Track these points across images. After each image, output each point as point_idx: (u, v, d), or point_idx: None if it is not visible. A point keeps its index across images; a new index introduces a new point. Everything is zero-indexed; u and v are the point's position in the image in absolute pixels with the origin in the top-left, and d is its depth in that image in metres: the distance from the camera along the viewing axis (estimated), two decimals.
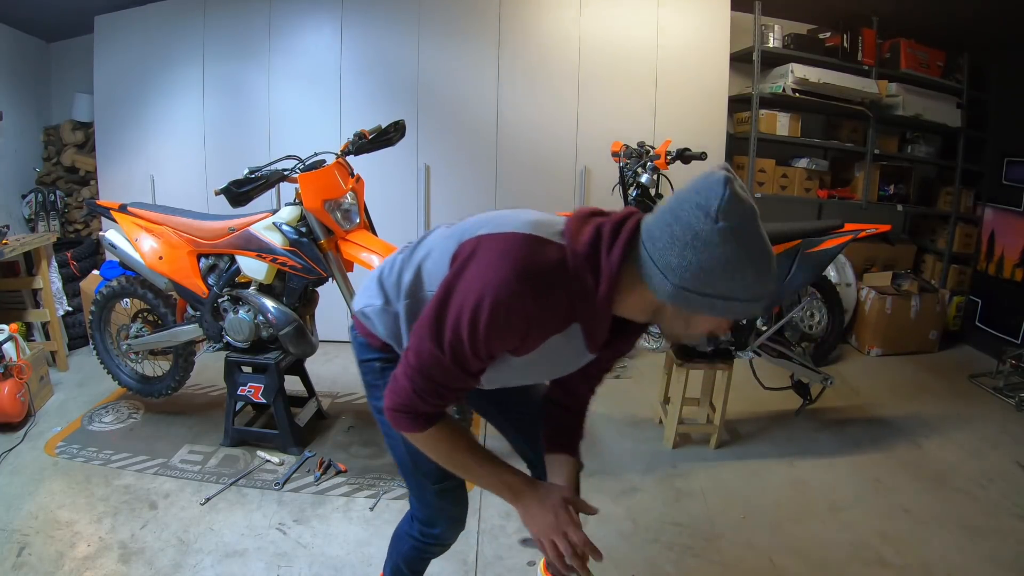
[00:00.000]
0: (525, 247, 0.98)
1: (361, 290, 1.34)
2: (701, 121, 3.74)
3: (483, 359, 1.03)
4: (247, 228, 2.45)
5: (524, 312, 0.97)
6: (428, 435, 1.11)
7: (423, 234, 1.27)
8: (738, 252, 0.88)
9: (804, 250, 2.56)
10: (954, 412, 3.13)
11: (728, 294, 0.90)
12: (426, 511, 1.41)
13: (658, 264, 0.91)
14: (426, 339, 1.02)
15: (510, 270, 0.96)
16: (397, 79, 3.65)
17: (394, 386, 1.08)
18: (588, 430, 1.47)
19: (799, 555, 2.02)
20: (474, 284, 0.97)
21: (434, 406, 1.08)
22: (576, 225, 1.01)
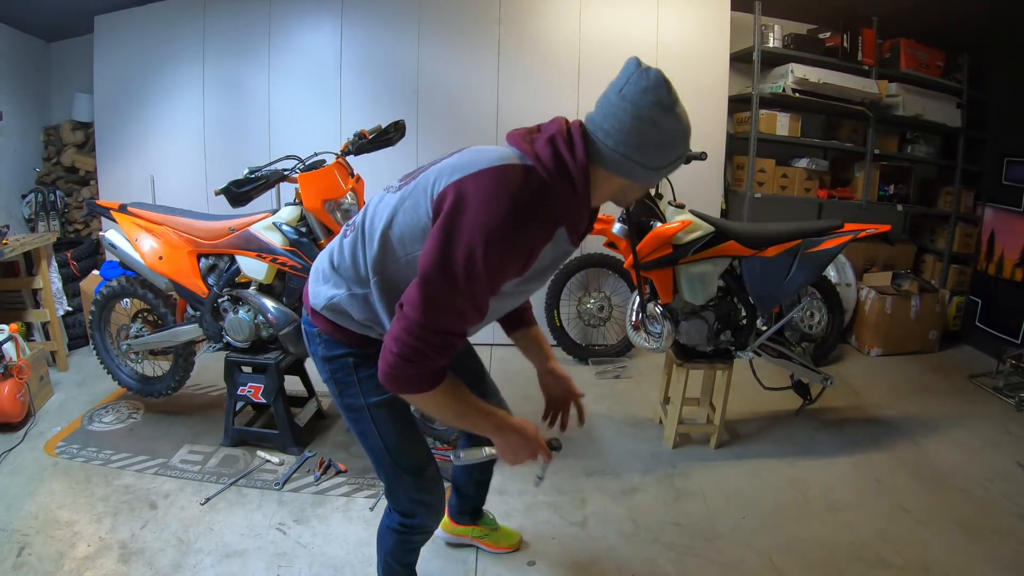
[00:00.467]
0: (508, 178, 1.09)
1: (312, 290, 1.34)
2: (701, 121, 3.73)
3: (495, 290, 1.10)
4: (247, 228, 2.45)
5: (527, 234, 1.08)
6: (439, 391, 1.13)
7: (357, 215, 1.30)
8: (684, 124, 1.12)
9: (804, 250, 2.56)
10: (954, 412, 3.13)
11: (680, 153, 1.14)
12: (406, 504, 1.44)
13: (630, 158, 1.10)
14: (437, 288, 1.06)
15: (507, 200, 1.06)
16: (397, 79, 3.65)
17: (400, 351, 1.08)
18: (588, 429, 1.51)
19: (799, 555, 2.02)
20: (478, 221, 1.04)
21: (446, 358, 1.11)
22: (528, 146, 1.14)
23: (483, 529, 1.99)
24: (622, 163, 1.11)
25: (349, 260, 1.26)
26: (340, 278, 1.27)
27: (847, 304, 3.85)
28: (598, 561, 1.98)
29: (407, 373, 1.09)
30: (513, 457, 1.30)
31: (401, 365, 1.08)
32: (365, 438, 1.40)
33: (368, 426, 1.37)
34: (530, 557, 1.99)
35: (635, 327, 2.62)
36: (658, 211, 2.61)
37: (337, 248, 1.31)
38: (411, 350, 1.07)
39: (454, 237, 1.05)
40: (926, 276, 4.35)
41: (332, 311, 1.29)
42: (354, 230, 1.27)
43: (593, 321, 3.74)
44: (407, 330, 1.07)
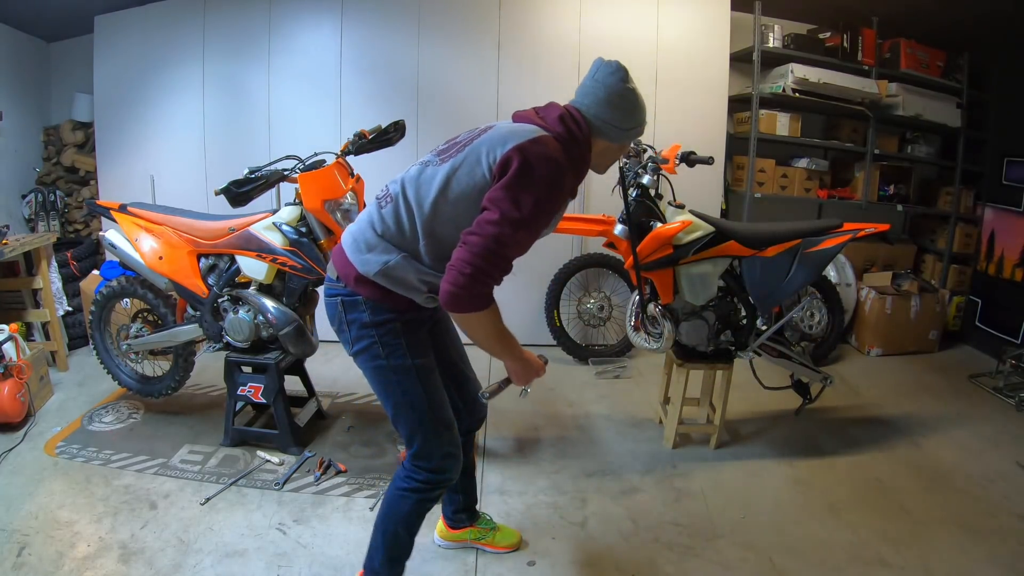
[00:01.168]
0: (554, 144, 1.41)
1: (357, 259, 1.47)
2: (701, 121, 3.74)
3: (544, 226, 1.41)
4: (247, 228, 2.45)
5: (565, 185, 1.42)
6: (491, 311, 1.39)
7: (394, 183, 1.50)
8: (640, 96, 1.51)
9: (804, 250, 2.56)
10: (954, 412, 3.13)
11: (641, 120, 1.53)
12: (439, 459, 1.58)
13: (609, 122, 1.49)
14: (510, 224, 1.32)
15: (558, 159, 1.38)
16: (397, 79, 3.65)
17: (471, 271, 1.30)
18: (588, 429, 1.60)
19: (799, 555, 2.02)
20: (543, 173, 1.35)
21: (499, 280, 1.37)
22: (545, 124, 1.46)
23: (480, 530, 2.00)
24: (603, 127, 1.49)
25: (395, 226, 1.46)
26: (389, 244, 1.45)
27: (847, 304, 3.85)
28: (598, 561, 1.98)
29: (473, 292, 1.32)
30: (525, 377, 1.59)
31: (470, 284, 1.30)
32: (410, 399, 1.53)
33: (415, 385, 1.52)
34: (530, 557, 1.99)
35: (635, 327, 2.62)
36: (658, 211, 2.61)
37: (377, 219, 1.49)
38: (479, 271, 1.30)
39: (526, 186, 1.33)
40: (926, 276, 4.35)
41: (386, 276, 1.45)
42: (391, 200, 1.47)
43: (593, 321, 3.74)
44: (479, 255, 1.31)
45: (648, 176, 2.56)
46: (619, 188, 2.68)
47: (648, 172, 2.59)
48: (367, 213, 1.53)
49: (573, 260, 3.55)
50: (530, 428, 2.84)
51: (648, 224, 2.55)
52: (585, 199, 3.72)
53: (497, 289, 1.39)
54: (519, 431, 2.80)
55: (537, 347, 3.76)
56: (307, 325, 2.60)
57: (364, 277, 1.46)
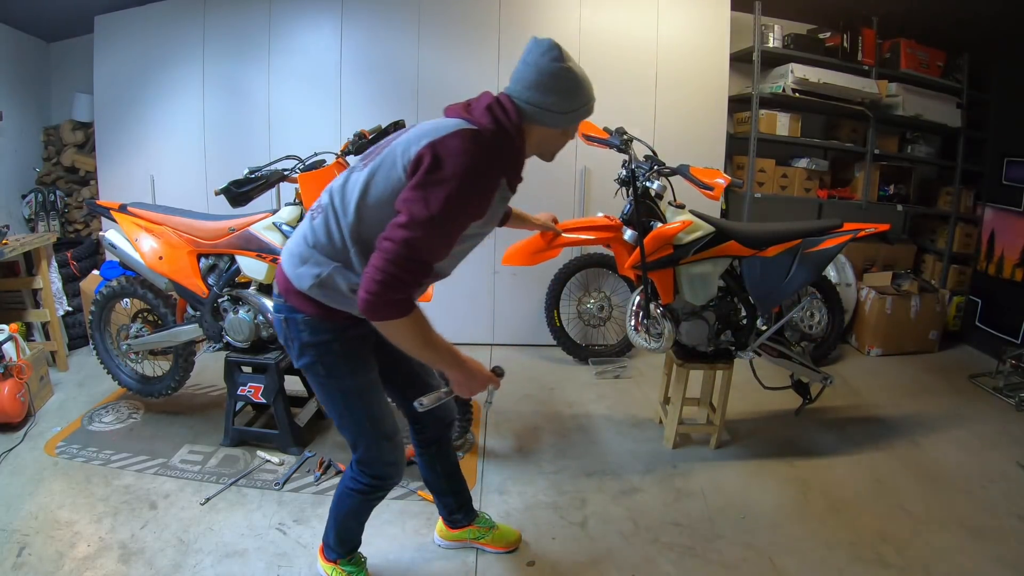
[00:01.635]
0: (470, 138, 1.32)
1: (292, 274, 1.44)
2: (701, 121, 3.74)
3: (463, 227, 1.34)
4: (247, 228, 2.45)
5: (486, 182, 1.34)
6: (411, 318, 1.31)
7: (324, 195, 1.46)
8: (580, 74, 1.42)
9: (804, 250, 2.56)
10: (954, 412, 3.13)
11: (584, 100, 1.44)
12: (381, 467, 1.61)
13: (544, 107, 1.39)
14: (420, 226, 1.26)
15: (472, 154, 1.29)
16: (397, 79, 3.65)
17: (383, 279, 1.25)
18: (588, 429, 1.56)
19: (799, 555, 2.02)
20: (454, 171, 1.27)
21: (417, 287, 1.31)
22: (471, 116, 1.38)
23: (479, 529, 2.00)
24: (536, 112, 1.39)
25: (325, 238, 1.41)
26: (320, 255, 1.41)
27: (847, 304, 3.85)
28: (598, 561, 1.98)
29: (387, 299, 1.26)
30: (468, 389, 1.48)
31: (382, 291, 1.25)
32: (352, 414, 1.54)
33: (355, 402, 1.53)
34: (530, 557, 1.99)
35: (635, 328, 2.62)
36: (658, 211, 2.61)
37: (308, 230, 1.45)
38: (392, 277, 1.25)
39: (435, 184, 1.26)
40: (926, 276, 4.36)
41: (320, 288, 1.41)
42: (322, 211, 1.43)
43: (593, 321, 3.74)
44: (391, 260, 1.25)
45: (658, 183, 2.56)
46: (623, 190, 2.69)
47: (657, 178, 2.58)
48: (301, 226, 1.49)
49: (573, 260, 3.55)
50: (530, 428, 2.84)
51: (648, 224, 2.55)
52: (585, 197, 3.73)
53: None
54: (519, 431, 2.80)
55: (537, 347, 3.80)
56: None
57: (300, 292, 1.43)
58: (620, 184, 2.67)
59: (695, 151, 3.65)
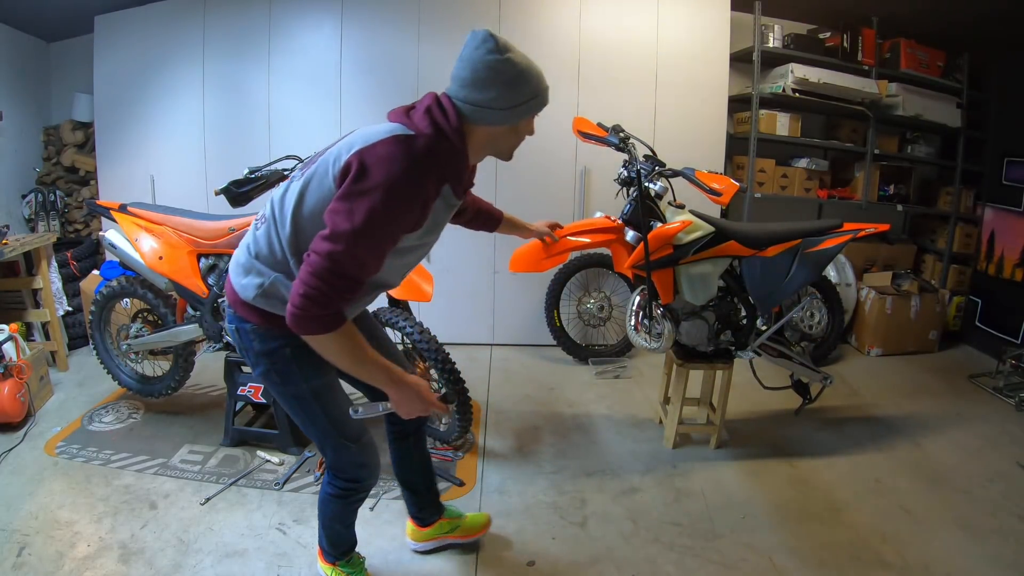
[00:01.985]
0: (400, 145, 1.27)
1: (237, 284, 1.42)
2: (701, 121, 3.74)
3: (394, 239, 1.29)
4: (247, 228, 2.45)
5: (418, 190, 1.27)
6: (340, 333, 1.27)
7: (266, 205, 1.42)
8: (524, 64, 1.31)
9: (804, 250, 2.56)
10: (954, 412, 3.13)
11: (532, 92, 1.33)
12: (352, 470, 1.60)
13: (483, 105, 1.30)
14: (344, 239, 1.21)
15: (400, 162, 1.24)
16: (397, 79, 3.65)
17: (306, 292, 1.22)
18: (588, 429, 1.51)
19: (799, 555, 2.03)
20: (378, 180, 1.22)
21: (346, 302, 1.27)
22: (409, 121, 1.32)
23: (450, 522, 1.99)
24: (476, 112, 1.31)
25: (266, 249, 1.39)
26: (262, 266, 1.39)
27: (847, 304, 3.85)
28: (598, 561, 1.98)
29: (312, 313, 1.23)
30: (407, 410, 1.42)
31: (307, 305, 1.22)
32: (312, 419, 1.52)
33: (312, 407, 1.50)
34: (530, 557, 1.99)
35: (635, 328, 2.62)
36: (658, 211, 2.61)
37: (252, 241, 1.43)
38: (317, 291, 1.21)
39: (359, 195, 1.22)
40: (926, 276, 4.36)
41: (264, 298, 1.39)
42: (265, 221, 1.41)
43: (593, 321, 3.74)
44: (315, 275, 1.22)
45: (660, 183, 2.56)
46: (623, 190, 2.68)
47: (659, 178, 2.58)
48: (246, 236, 1.47)
49: (573, 260, 3.55)
50: (530, 428, 2.84)
51: (648, 224, 2.54)
52: (585, 198, 3.73)
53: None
54: (519, 431, 2.80)
55: (537, 347, 3.80)
56: None
57: (246, 302, 1.41)
58: (620, 184, 2.67)
59: (695, 151, 3.65)
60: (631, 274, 2.65)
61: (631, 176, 2.58)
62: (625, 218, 2.62)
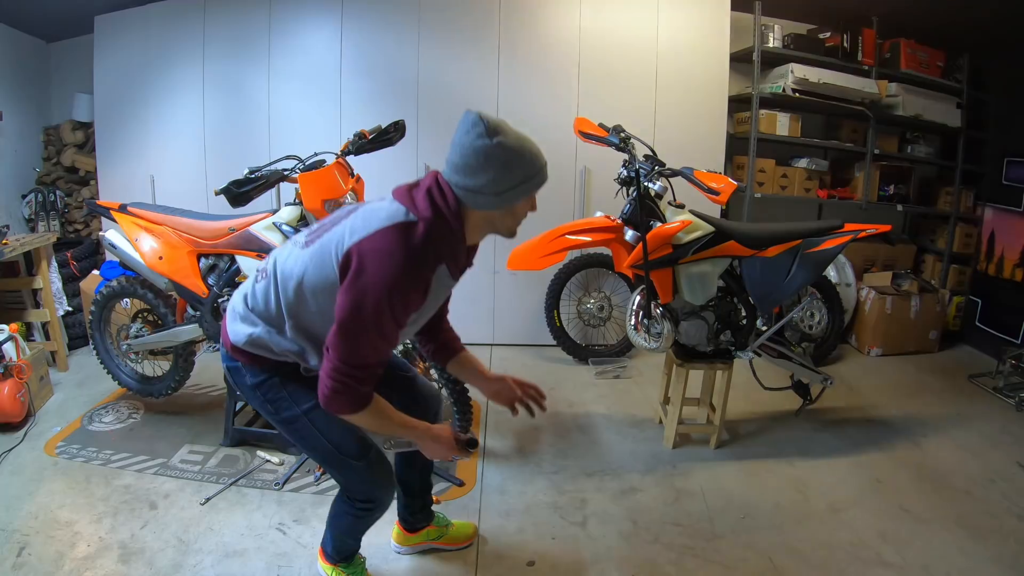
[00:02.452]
0: (398, 234, 1.30)
1: (230, 329, 1.50)
2: (701, 121, 3.74)
3: (403, 325, 1.33)
4: (247, 228, 2.45)
5: (419, 276, 1.32)
6: (368, 411, 1.37)
7: (269, 260, 1.48)
8: (515, 145, 1.28)
9: (804, 250, 2.56)
10: (954, 412, 3.13)
11: (525, 175, 1.30)
12: (362, 488, 1.59)
13: (475, 191, 1.29)
14: (354, 334, 1.29)
15: (399, 253, 1.28)
16: (397, 79, 3.65)
17: (332, 385, 1.32)
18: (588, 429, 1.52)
19: (799, 555, 2.02)
20: (379, 275, 1.26)
21: (369, 385, 1.35)
22: (410, 201, 1.34)
23: (438, 529, 1.99)
24: (470, 197, 1.31)
25: (263, 304, 1.45)
26: (256, 318, 1.46)
27: (847, 304, 3.85)
28: (598, 561, 1.98)
29: (341, 400, 1.34)
30: (435, 453, 1.53)
31: (334, 396, 1.33)
32: (311, 443, 1.54)
33: (309, 431, 1.52)
34: (530, 557, 1.99)
35: (635, 327, 2.62)
36: (658, 211, 2.61)
37: (250, 292, 1.49)
38: (341, 384, 1.31)
39: (363, 290, 1.27)
40: (926, 276, 4.35)
41: (252, 345, 1.46)
42: (265, 277, 1.46)
43: (593, 321, 3.74)
44: (336, 369, 1.31)
45: (659, 183, 2.56)
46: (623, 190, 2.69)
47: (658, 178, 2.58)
48: (245, 284, 1.53)
49: (573, 260, 3.55)
50: (530, 428, 2.83)
51: (648, 224, 2.55)
52: (585, 198, 3.73)
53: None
54: (519, 431, 2.80)
55: (537, 347, 3.80)
56: None
57: (235, 345, 1.48)
58: (620, 184, 2.67)
59: (695, 151, 3.65)
60: (631, 274, 2.65)
61: (631, 176, 2.57)
62: (625, 218, 2.62)
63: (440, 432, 1.52)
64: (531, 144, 1.32)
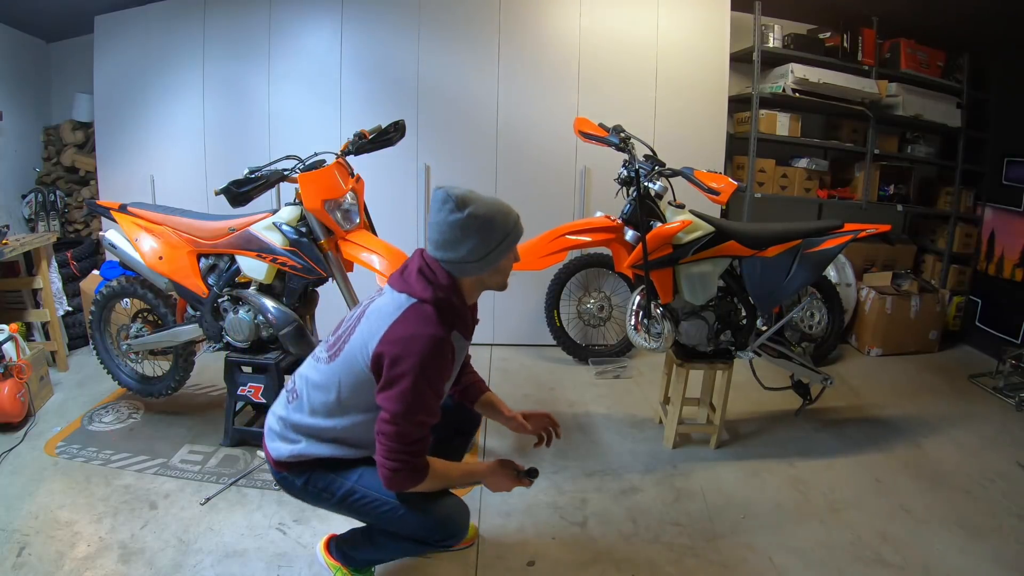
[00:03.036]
0: (416, 315, 1.41)
1: (270, 447, 1.59)
2: (701, 121, 3.74)
3: (442, 395, 1.46)
4: (247, 228, 2.45)
5: (442, 348, 1.41)
6: (429, 478, 1.46)
7: (295, 381, 1.60)
8: (486, 212, 1.41)
9: (804, 250, 2.56)
10: (954, 412, 3.13)
11: (501, 236, 1.43)
12: (440, 528, 1.56)
13: (460, 261, 1.43)
14: (404, 416, 1.38)
15: (423, 335, 1.38)
16: (397, 79, 3.65)
17: (391, 467, 1.41)
18: (588, 429, 1.82)
19: (799, 555, 2.02)
20: (412, 359, 1.37)
21: (424, 453, 1.45)
22: (407, 286, 1.46)
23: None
24: (457, 268, 1.45)
25: (300, 421, 1.54)
26: (296, 435, 1.55)
27: (847, 304, 3.85)
28: (598, 561, 1.98)
29: (403, 477, 1.43)
30: (496, 487, 1.62)
31: (395, 476, 1.42)
32: (377, 507, 1.54)
33: (370, 496, 1.54)
34: (530, 557, 1.99)
35: (635, 327, 2.62)
36: (658, 211, 2.61)
37: (285, 413, 1.58)
38: (400, 463, 1.41)
39: (400, 377, 1.37)
40: (926, 276, 4.35)
41: (295, 457, 1.55)
42: (297, 397, 1.57)
43: (593, 321, 3.74)
44: (391, 451, 1.40)
45: (659, 183, 2.56)
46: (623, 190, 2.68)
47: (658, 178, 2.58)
48: (278, 403, 1.63)
49: (573, 260, 3.55)
50: None
51: (648, 224, 2.54)
52: (585, 198, 3.72)
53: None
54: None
55: (537, 347, 3.80)
56: (307, 325, 2.60)
57: (279, 460, 1.57)
58: (620, 184, 2.67)
59: (695, 151, 3.65)
60: (631, 274, 2.65)
61: (631, 176, 2.57)
62: (625, 218, 2.62)
63: (501, 468, 1.60)
64: (500, 206, 1.45)
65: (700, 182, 2.51)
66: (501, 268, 1.49)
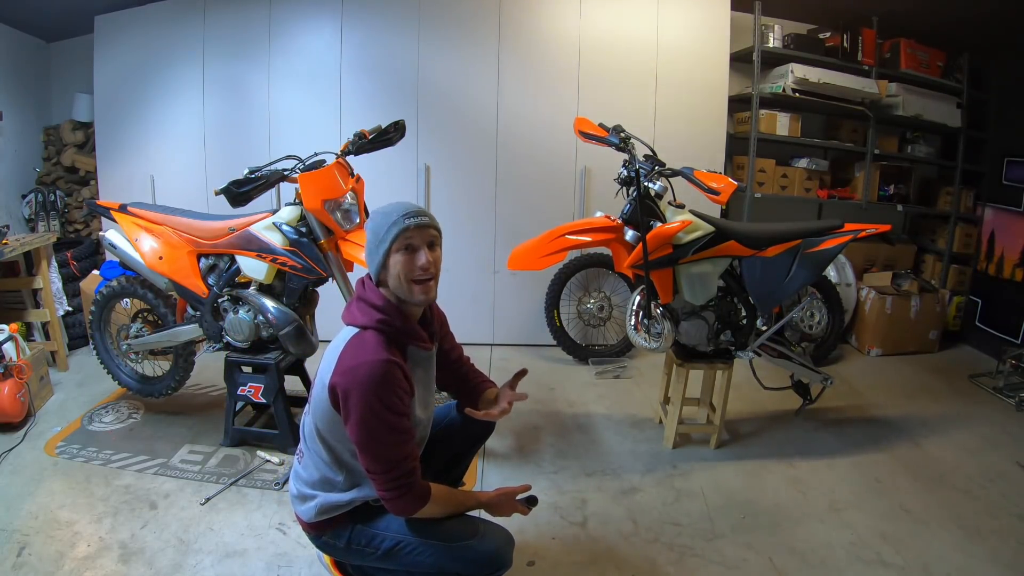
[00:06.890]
0: (356, 349, 1.43)
1: (298, 510, 1.59)
2: (701, 121, 3.74)
3: (407, 414, 1.44)
4: (247, 228, 2.45)
5: (392, 371, 1.40)
6: (431, 503, 1.47)
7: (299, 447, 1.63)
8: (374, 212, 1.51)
9: (804, 250, 2.56)
10: (954, 412, 3.13)
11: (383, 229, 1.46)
12: (491, 559, 1.53)
13: (372, 271, 1.51)
14: (371, 447, 1.40)
15: (366, 362, 1.39)
16: (397, 79, 3.65)
17: (388, 496, 1.43)
18: (588, 429, 1.61)
19: (799, 555, 2.02)
20: (362, 391, 1.37)
21: (416, 473, 1.45)
22: (351, 317, 1.50)
23: None
24: (374, 278, 1.51)
25: (315, 476, 1.56)
26: (311, 490, 1.57)
27: (847, 304, 3.85)
28: (598, 561, 1.98)
29: (404, 501, 1.44)
30: (499, 511, 1.64)
31: (396, 501, 1.44)
32: (426, 554, 1.52)
33: (416, 544, 1.52)
34: (530, 557, 1.99)
35: (635, 327, 2.62)
36: (659, 211, 2.61)
37: (300, 469, 1.61)
38: (395, 489, 1.43)
39: (357, 409, 1.38)
40: (926, 276, 4.35)
41: (323, 513, 1.55)
42: (301, 454, 1.61)
43: (593, 321, 3.74)
44: (383, 481, 1.43)
45: (660, 183, 2.56)
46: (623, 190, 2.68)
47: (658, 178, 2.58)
48: (293, 469, 1.64)
49: (573, 260, 3.55)
50: (530, 428, 2.83)
51: (648, 223, 2.54)
52: (585, 198, 3.72)
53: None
54: (519, 431, 2.80)
55: (537, 347, 3.80)
56: (307, 325, 2.60)
57: (310, 523, 1.57)
58: (620, 184, 2.67)
59: (695, 151, 3.66)
60: (631, 274, 2.65)
61: (631, 176, 2.57)
62: (625, 218, 2.62)
63: (495, 499, 1.61)
64: (391, 205, 1.49)
65: (700, 182, 2.51)
66: (389, 266, 1.46)
